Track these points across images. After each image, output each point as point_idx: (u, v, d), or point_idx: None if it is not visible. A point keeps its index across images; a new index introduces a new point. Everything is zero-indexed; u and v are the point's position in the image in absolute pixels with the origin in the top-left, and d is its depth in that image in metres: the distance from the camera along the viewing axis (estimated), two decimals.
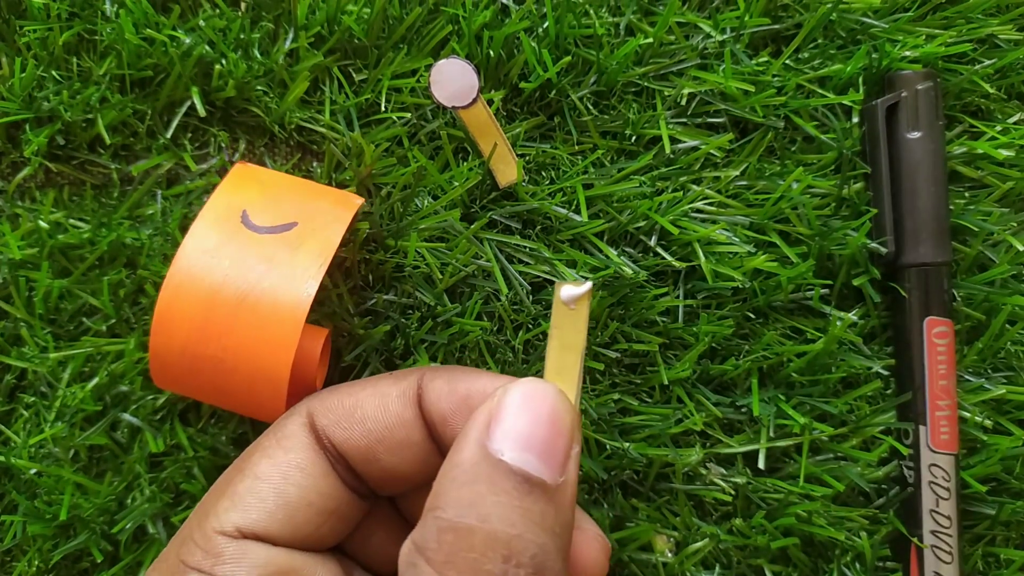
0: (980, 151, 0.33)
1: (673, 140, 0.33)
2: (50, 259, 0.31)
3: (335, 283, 0.31)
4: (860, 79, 0.33)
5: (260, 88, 0.32)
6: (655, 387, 0.32)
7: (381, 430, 0.24)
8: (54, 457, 0.31)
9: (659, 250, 0.32)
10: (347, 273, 0.32)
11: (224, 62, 0.32)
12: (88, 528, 0.30)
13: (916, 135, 0.32)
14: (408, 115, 0.32)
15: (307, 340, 0.29)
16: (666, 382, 0.31)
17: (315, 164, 0.33)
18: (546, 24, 0.32)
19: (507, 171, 0.32)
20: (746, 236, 0.32)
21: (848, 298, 0.33)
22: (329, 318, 0.31)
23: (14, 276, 0.31)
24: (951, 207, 0.33)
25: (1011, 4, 0.34)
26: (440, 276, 0.31)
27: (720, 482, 0.32)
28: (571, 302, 0.23)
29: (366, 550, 0.27)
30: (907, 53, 0.33)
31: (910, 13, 0.34)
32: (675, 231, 0.31)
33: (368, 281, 0.32)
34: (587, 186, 0.32)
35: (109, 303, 0.31)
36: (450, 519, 0.20)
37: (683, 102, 0.33)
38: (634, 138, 0.33)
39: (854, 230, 0.32)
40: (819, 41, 0.34)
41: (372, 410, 0.24)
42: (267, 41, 0.33)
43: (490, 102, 0.32)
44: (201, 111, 0.32)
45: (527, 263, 0.32)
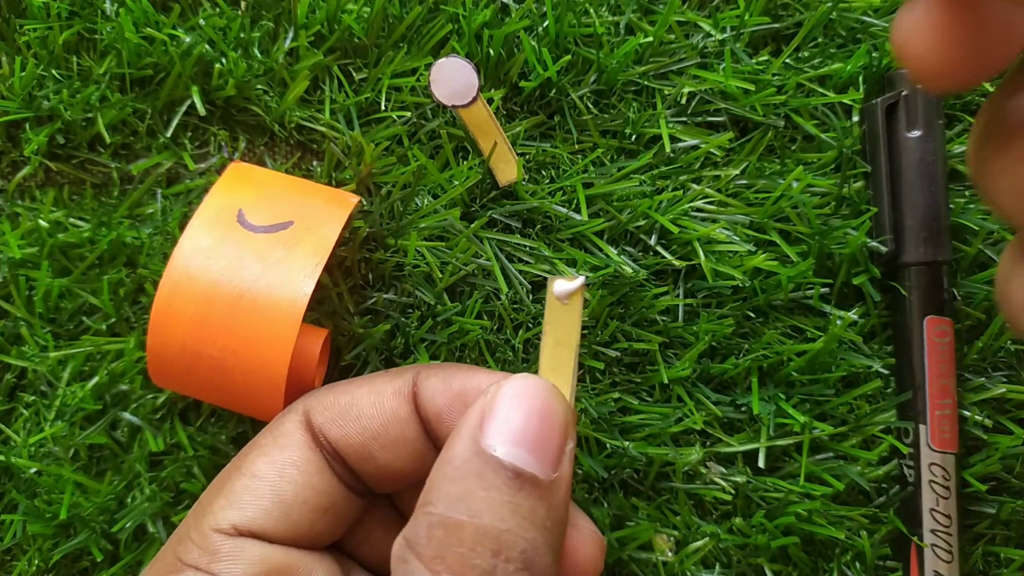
0: None
1: (673, 139, 0.33)
2: (50, 258, 0.31)
3: (335, 282, 0.31)
4: (860, 78, 0.33)
5: (260, 87, 0.32)
6: (655, 386, 0.32)
7: (376, 427, 0.24)
8: (54, 456, 0.31)
9: (659, 249, 0.32)
10: (347, 272, 0.32)
11: (224, 61, 0.32)
12: (88, 527, 0.30)
13: (916, 134, 0.32)
14: (408, 114, 0.32)
15: (306, 340, 0.29)
16: (666, 381, 0.31)
17: (315, 163, 0.33)
18: (546, 23, 0.32)
19: (507, 170, 0.32)
20: (746, 235, 0.32)
21: (848, 297, 0.33)
22: (329, 317, 0.31)
23: (14, 275, 0.31)
24: (951, 206, 0.33)
25: None
26: (440, 275, 0.31)
27: (720, 481, 0.32)
28: (564, 297, 0.23)
29: (363, 548, 0.27)
30: None
31: None
32: (675, 230, 0.31)
33: (368, 280, 0.32)
34: (587, 185, 0.32)
35: (109, 302, 0.31)
36: (440, 514, 0.20)
37: (683, 101, 0.33)
38: (634, 137, 0.33)
39: (854, 229, 0.32)
40: (819, 40, 0.34)
41: (367, 407, 0.24)
42: (267, 40, 0.33)
43: (490, 101, 0.32)
44: (201, 110, 0.32)
45: (527, 262, 0.32)
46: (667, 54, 0.33)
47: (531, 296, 0.32)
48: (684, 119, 0.33)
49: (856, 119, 0.33)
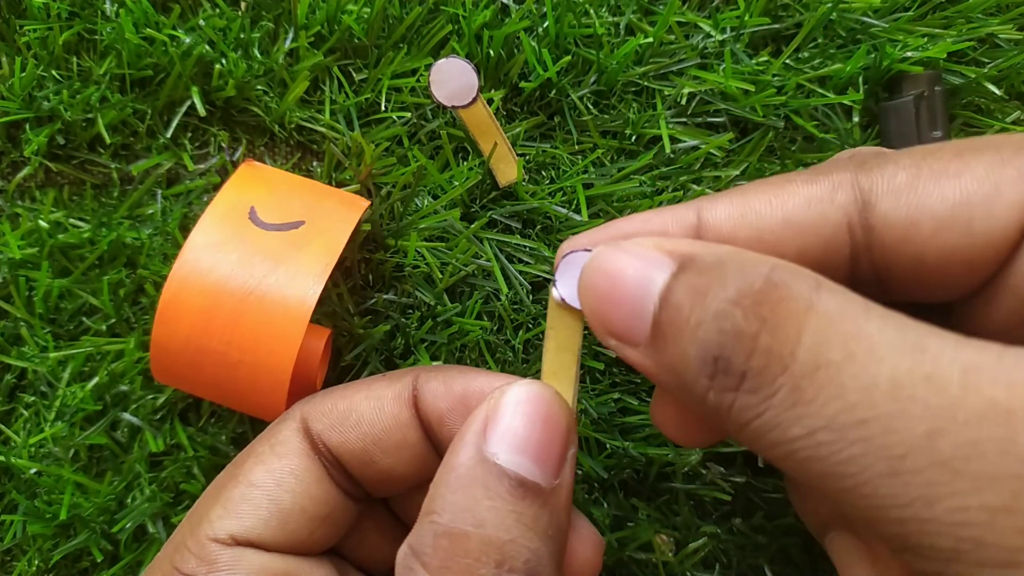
0: None
1: (673, 140, 0.33)
2: (50, 259, 0.31)
3: (335, 283, 0.31)
4: (860, 79, 0.33)
5: (260, 88, 0.32)
6: (655, 386, 0.32)
7: (377, 432, 0.24)
8: (54, 457, 0.31)
9: None
10: (347, 273, 0.32)
11: (224, 62, 0.32)
12: (88, 528, 0.30)
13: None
14: (408, 115, 0.32)
15: (309, 339, 0.29)
16: None
17: (315, 163, 0.33)
18: (546, 24, 0.32)
19: (507, 170, 0.32)
20: None
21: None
22: (329, 317, 0.31)
23: (14, 276, 0.31)
24: None
25: (1011, 3, 0.34)
26: (440, 276, 0.31)
27: (720, 481, 0.32)
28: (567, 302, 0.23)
29: (360, 551, 0.27)
30: (909, 54, 0.33)
31: (910, 13, 0.34)
32: None
33: (368, 281, 0.32)
34: (587, 185, 0.32)
35: (109, 303, 0.31)
36: (445, 524, 0.20)
37: (683, 102, 0.33)
38: (634, 138, 0.33)
39: None
40: (819, 41, 0.34)
41: (367, 413, 0.24)
42: (267, 41, 0.33)
43: (490, 101, 0.32)
44: (201, 111, 0.32)
45: (527, 262, 0.32)
46: (667, 55, 0.33)
47: (531, 297, 0.32)
48: (684, 120, 0.33)
49: (856, 120, 0.34)
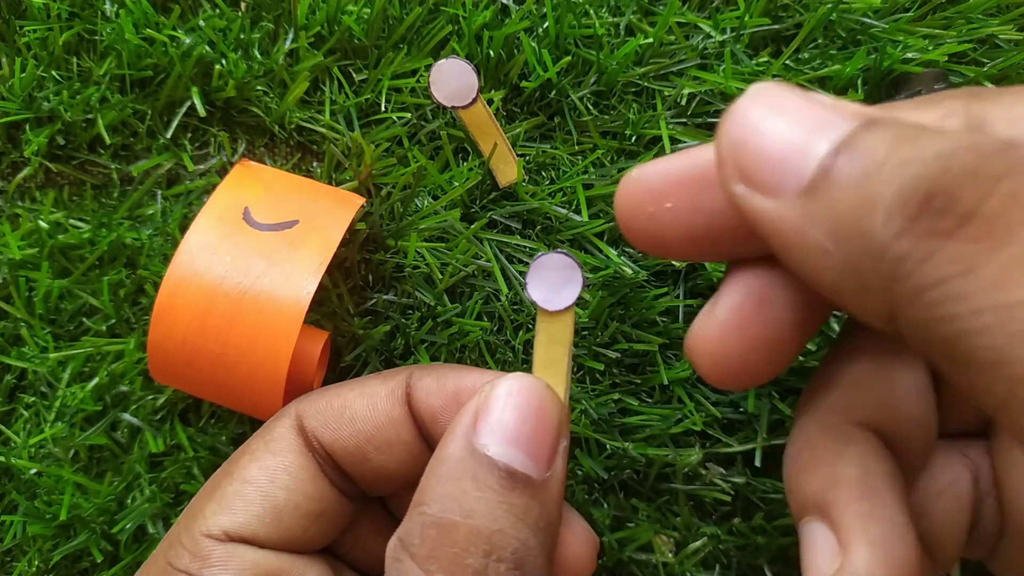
0: None
1: (673, 140, 0.33)
2: (50, 259, 0.31)
3: (335, 283, 0.31)
4: (859, 80, 0.33)
5: (260, 88, 0.32)
6: (655, 387, 0.32)
7: (370, 429, 0.24)
8: (54, 457, 0.31)
9: None
10: (347, 273, 0.32)
11: (224, 62, 0.32)
12: (88, 528, 0.30)
13: None
14: (408, 115, 0.32)
15: (306, 342, 0.29)
16: (666, 382, 0.31)
17: (315, 164, 0.33)
18: (546, 24, 0.32)
19: (507, 171, 0.32)
20: None
21: None
22: (329, 318, 0.31)
23: (14, 276, 0.31)
24: None
25: (1011, 4, 0.34)
26: (440, 276, 0.31)
27: (720, 482, 0.32)
28: None
29: (355, 550, 0.27)
30: (910, 56, 0.33)
31: (910, 13, 0.34)
32: None
33: (368, 281, 0.32)
34: (587, 186, 0.32)
35: (109, 303, 0.31)
36: (434, 515, 0.20)
37: (683, 102, 0.33)
38: (634, 138, 0.33)
39: None
40: (819, 41, 0.34)
41: (361, 410, 0.24)
42: (267, 41, 0.33)
43: (490, 102, 0.32)
44: (201, 111, 0.32)
45: (527, 263, 0.32)
46: (667, 55, 0.33)
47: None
48: (684, 120, 0.33)
49: None
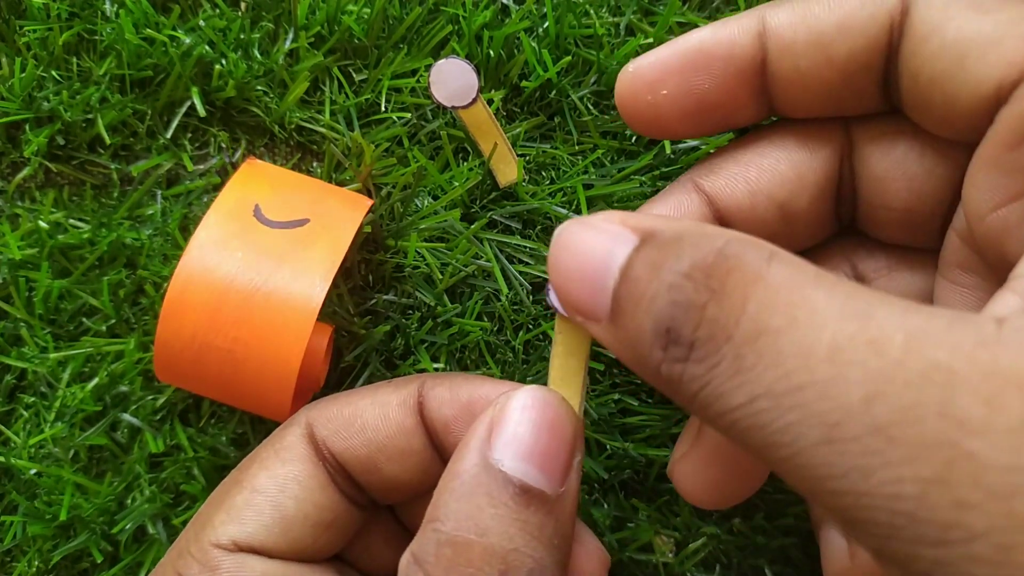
0: None
1: (673, 140, 0.33)
2: (50, 259, 0.31)
3: (335, 283, 0.31)
4: None
5: (260, 88, 0.32)
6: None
7: (382, 439, 0.24)
8: (54, 457, 0.31)
9: None
10: (347, 273, 0.32)
11: (224, 62, 0.32)
12: (88, 528, 0.30)
13: None
14: (408, 115, 0.32)
15: (313, 336, 0.29)
16: None
17: (315, 164, 0.33)
18: (546, 24, 0.32)
19: (507, 171, 0.32)
20: None
21: None
22: (330, 318, 0.31)
23: (14, 276, 0.31)
24: None
25: None
26: (440, 276, 0.31)
27: None
28: None
29: (364, 558, 0.27)
30: None
31: None
32: None
33: (368, 281, 0.32)
34: (587, 186, 0.32)
35: (109, 303, 0.31)
36: (448, 532, 0.20)
37: None
38: (634, 138, 0.33)
39: None
40: None
41: (372, 419, 0.24)
42: (267, 41, 0.33)
43: (490, 102, 0.32)
44: (201, 111, 0.32)
45: (527, 263, 0.32)
46: None
47: (531, 297, 0.32)
48: None
49: None
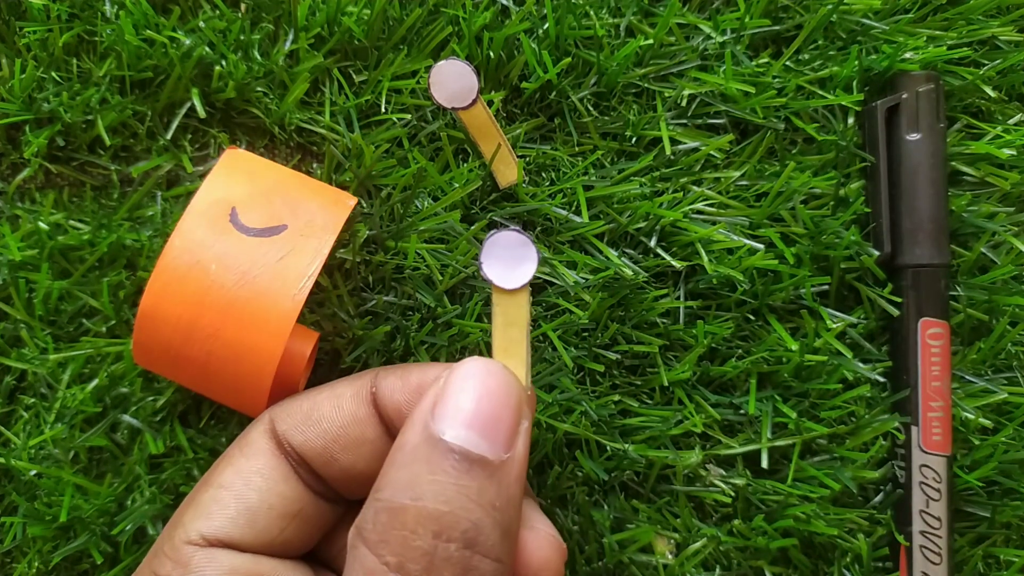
0: (982, 152, 0.33)
1: (673, 141, 0.33)
2: (50, 260, 0.31)
3: (335, 284, 0.31)
4: (855, 81, 0.33)
5: (260, 89, 0.32)
6: (655, 388, 0.32)
7: (336, 429, 0.25)
8: (54, 459, 0.31)
9: (659, 251, 0.32)
10: (347, 274, 0.32)
11: (224, 63, 0.32)
12: (88, 530, 0.30)
13: (916, 137, 0.32)
14: (408, 116, 0.32)
15: (297, 342, 0.29)
16: (666, 383, 0.32)
17: (315, 165, 0.33)
18: (546, 25, 0.32)
19: (507, 172, 0.32)
20: (745, 236, 0.32)
21: (848, 299, 0.34)
22: (329, 319, 0.31)
23: (14, 277, 0.31)
24: (952, 208, 0.33)
25: (1012, 5, 0.35)
26: (440, 277, 0.31)
27: (720, 483, 0.32)
28: None
29: (340, 558, 0.27)
30: (908, 55, 0.33)
31: (910, 15, 0.34)
32: (681, 221, 0.31)
33: (368, 282, 0.32)
34: (587, 187, 0.32)
35: (109, 304, 0.31)
36: (386, 500, 0.21)
37: (683, 103, 0.33)
38: (634, 139, 0.33)
39: (845, 227, 0.32)
40: (819, 42, 0.34)
41: (327, 411, 0.25)
42: (267, 42, 0.33)
43: (490, 103, 0.32)
44: (201, 112, 0.32)
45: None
46: (667, 56, 0.33)
47: (531, 298, 0.32)
48: (684, 121, 0.33)
49: (852, 121, 0.34)
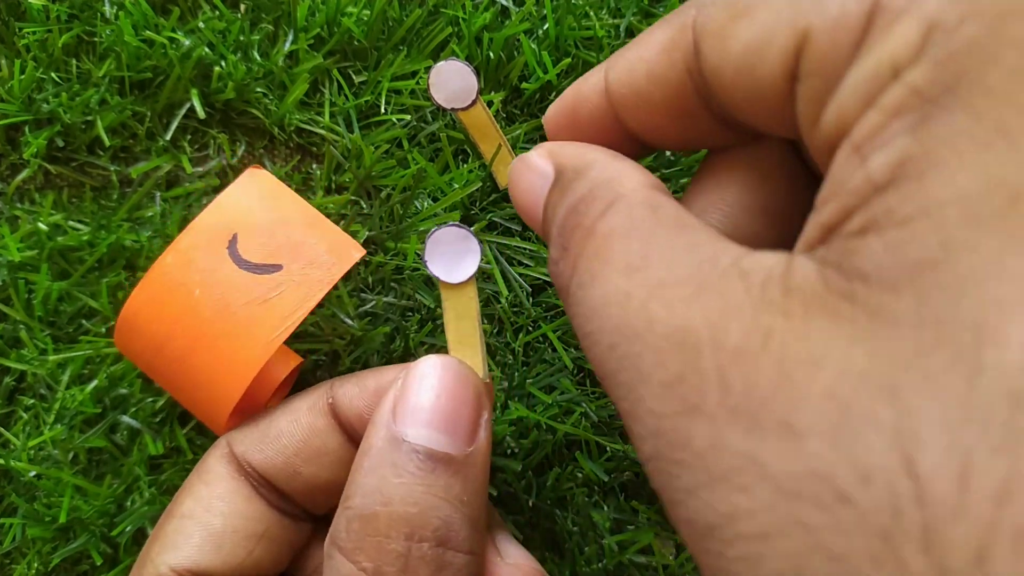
0: None
1: None
2: (49, 261, 0.31)
3: (335, 285, 0.31)
4: None
5: (260, 90, 0.32)
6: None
7: (296, 444, 0.25)
8: (53, 459, 0.31)
9: None
10: (347, 275, 0.32)
11: (224, 64, 0.32)
12: (87, 531, 0.30)
13: None
14: (408, 117, 0.32)
15: (275, 365, 0.29)
16: None
17: (315, 166, 0.33)
18: (546, 26, 0.32)
19: (507, 173, 0.32)
20: None
21: None
22: (328, 320, 0.31)
23: (13, 278, 0.31)
24: None
25: None
26: None
27: None
28: None
29: None
30: None
31: None
32: None
33: (368, 283, 0.32)
34: None
35: (108, 305, 0.31)
36: (357, 507, 0.21)
37: None
38: None
39: None
40: None
41: (285, 426, 0.25)
42: (267, 43, 0.33)
43: (490, 104, 0.32)
44: (200, 113, 0.32)
45: (527, 265, 0.32)
46: None
47: (531, 299, 0.32)
48: None
49: None
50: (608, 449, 0.31)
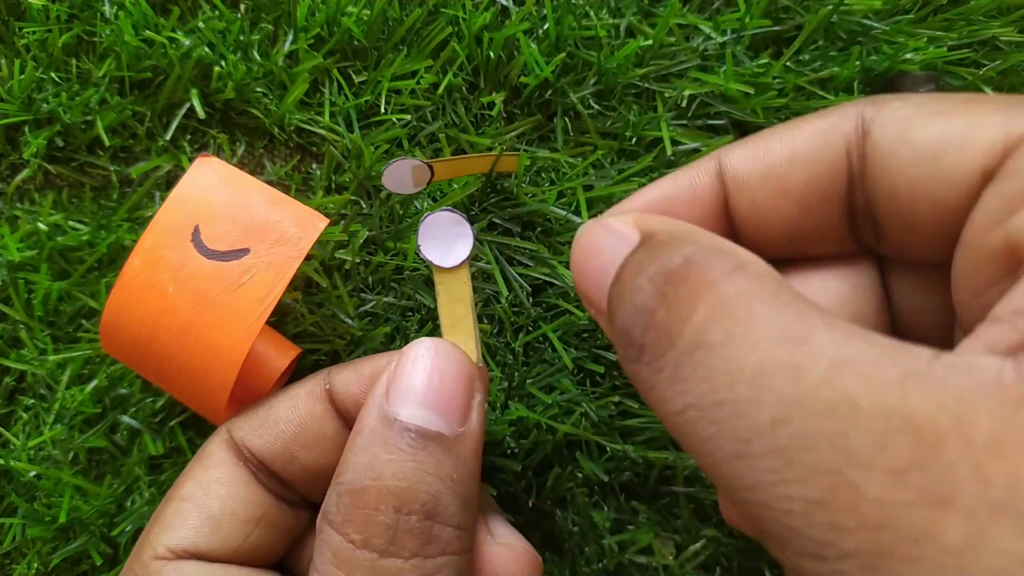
0: None
1: (674, 142, 0.33)
2: (49, 261, 0.31)
3: (335, 285, 0.31)
4: (856, 82, 0.33)
5: (259, 90, 0.32)
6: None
7: (294, 429, 0.25)
8: (53, 459, 0.31)
9: None
10: (347, 275, 0.32)
11: (223, 64, 0.32)
12: (87, 531, 0.30)
13: None
14: (408, 117, 0.32)
15: (273, 356, 0.29)
16: None
17: (315, 166, 0.33)
18: (546, 26, 0.32)
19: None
20: None
21: None
22: (329, 320, 0.31)
23: (13, 278, 0.31)
24: None
25: (1012, 6, 0.34)
26: None
27: None
28: None
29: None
30: (909, 56, 0.33)
31: (911, 15, 0.34)
32: None
33: (368, 283, 0.32)
34: (587, 187, 0.32)
35: None
36: (347, 482, 0.21)
37: (684, 104, 0.33)
38: (634, 139, 0.33)
39: None
40: (820, 43, 0.34)
41: (283, 412, 0.25)
42: (266, 43, 0.33)
43: (491, 105, 0.32)
44: (200, 113, 0.32)
45: (527, 265, 0.32)
46: (667, 56, 0.33)
47: (531, 299, 0.32)
48: (685, 122, 0.33)
49: None
50: (608, 449, 0.31)
